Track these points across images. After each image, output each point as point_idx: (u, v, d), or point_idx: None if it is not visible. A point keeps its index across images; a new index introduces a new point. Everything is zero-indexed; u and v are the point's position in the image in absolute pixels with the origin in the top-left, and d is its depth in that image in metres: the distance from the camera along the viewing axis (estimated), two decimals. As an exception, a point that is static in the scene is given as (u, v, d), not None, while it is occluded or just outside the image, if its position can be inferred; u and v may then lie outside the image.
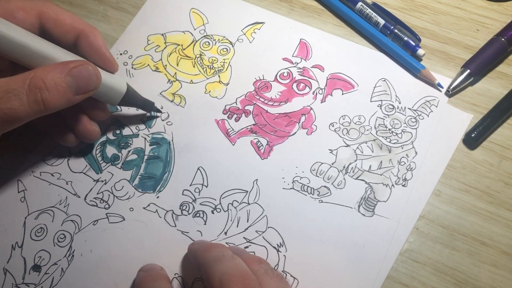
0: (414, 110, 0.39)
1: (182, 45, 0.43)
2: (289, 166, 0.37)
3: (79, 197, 0.37)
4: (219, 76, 0.42)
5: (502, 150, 0.37)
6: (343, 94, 0.40)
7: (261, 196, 0.36)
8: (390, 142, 0.38)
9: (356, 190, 0.36)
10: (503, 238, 0.34)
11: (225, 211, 0.36)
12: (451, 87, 0.39)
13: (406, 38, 0.41)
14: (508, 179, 0.36)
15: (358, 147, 0.38)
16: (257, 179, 0.37)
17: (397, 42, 0.41)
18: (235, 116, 0.40)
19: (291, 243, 0.35)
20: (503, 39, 0.40)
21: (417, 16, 0.44)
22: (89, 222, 0.36)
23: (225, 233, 0.35)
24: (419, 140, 0.38)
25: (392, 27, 0.41)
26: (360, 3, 0.43)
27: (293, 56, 0.42)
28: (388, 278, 0.33)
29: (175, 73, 0.42)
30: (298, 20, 0.44)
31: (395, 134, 0.38)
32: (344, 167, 0.37)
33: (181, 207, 0.36)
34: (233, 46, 0.43)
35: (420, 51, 0.40)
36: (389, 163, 0.37)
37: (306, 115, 0.39)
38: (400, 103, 0.39)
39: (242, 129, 0.39)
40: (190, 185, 0.37)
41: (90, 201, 0.37)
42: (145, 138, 0.39)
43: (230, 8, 0.45)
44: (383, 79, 0.40)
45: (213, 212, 0.36)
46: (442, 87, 0.39)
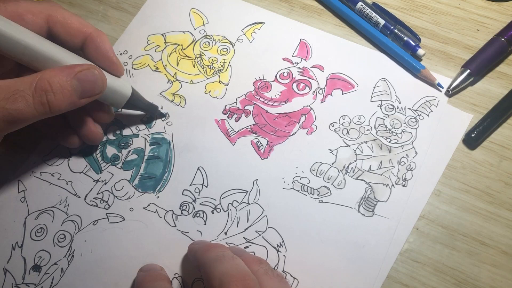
0: (414, 110, 0.39)
1: (182, 45, 0.43)
2: (289, 166, 0.37)
3: (79, 197, 0.37)
4: (219, 76, 0.42)
5: (502, 150, 0.37)
6: (343, 94, 0.40)
7: (261, 196, 0.36)
8: (390, 142, 0.38)
9: (356, 190, 0.36)
10: (503, 238, 0.34)
11: (225, 211, 0.36)
12: (451, 87, 0.39)
13: (406, 38, 0.41)
14: (508, 179, 0.36)
15: (358, 147, 0.38)
16: (257, 179, 0.37)
17: (397, 42, 0.41)
18: (235, 116, 0.40)
19: (291, 243, 0.35)
20: (503, 39, 0.40)
21: (417, 16, 0.44)
22: (89, 222, 0.36)
23: (225, 233, 0.35)
24: (419, 140, 0.38)
25: (392, 27, 0.41)
26: (360, 3, 0.43)
27: (293, 56, 0.42)
28: (388, 278, 0.33)
29: (175, 73, 0.42)
30: (298, 20, 0.44)
31: (395, 134, 0.38)
32: (344, 167, 0.37)
33: (181, 207, 0.36)
34: (233, 46, 0.43)
35: (420, 51, 0.40)
36: (389, 163, 0.37)
37: (306, 115, 0.39)
38: (400, 103, 0.39)
39: (242, 129, 0.39)
40: (190, 185, 0.37)
41: (90, 201, 0.37)
42: (145, 138, 0.39)
43: (230, 8, 0.45)
44: (383, 79, 0.40)
45: (213, 212, 0.36)
46: (442, 87, 0.39)
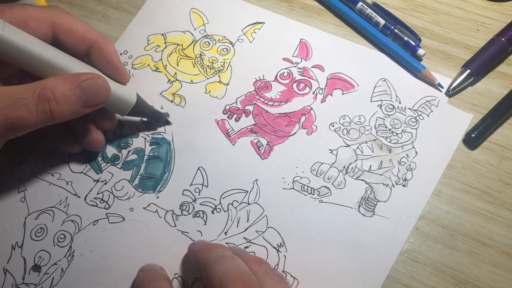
0: (414, 110, 0.39)
1: (182, 45, 0.43)
2: (289, 166, 0.37)
3: (79, 197, 0.37)
4: (219, 76, 0.42)
5: (502, 150, 0.37)
6: (343, 94, 0.40)
7: (261, 196, 0.36)
8: (390, 142, 0.38)
9: (356, 190, 0.36)
10: (503, 238, 0.34)
11: (225, 211, 0.36)
12: (451, 87, 0.39)
13: (406, 38, 0.41)
14: (508, 179, 0.36)
15: (358, 147, 0.38)
16: (257, 179, 0.37)
17: (397, 42, 0.41)
18: (235, 116, 0.40)
19: (291, 243, 0.35)
20: (503, 39, 0.40)
21: (417, 16, 0.43)
22: (89, 222, 0.36)
23: (225, 233, 0.35)
24: (419, 140, 0.38)
25: (392, 27, 0.41)
26: (360, 3, 0.43)
27: (293, 56, 0.42)
28: (388, 278, 0.33)
29: (175, 73, 0.42)
30: (298, 20, 0.44)
31: (395, 134, 0.38)
32: (344, 167, 0.37)
33: (181, 207, 0.36)
34: (233, 46, 0.43)
35: (420, 51, 0.40)
36: (389, 163, 0.37)
37: (306, 115, 0.39)
38: (400, 103, 0.39)
39: (242, 129, 0.39)
40: (190, 185, 0.37)
41: (90, 201, 0.37)
42: (145, 138, 0.39)
43: (230, 8, 0.45)
44: (383, 79, 0.40)
45: (213, 212, 0.36)
46: (442, 87, 0.39)
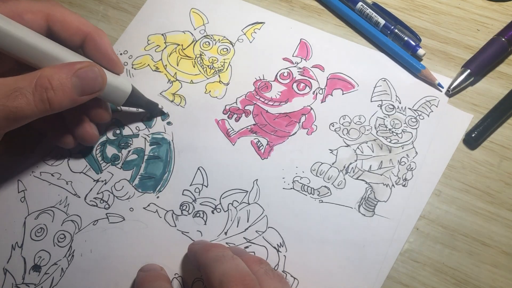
0: (415, 110, 0.39)
1: (182, 45, 0.43)
2: (289, 166, 0.37)
3: (79, 197, 0.37)
4: (219, 76, 0.42)
5: (503, 150, 0.37)
6: (343, 94, 0.40)
7: (261, 196, 0.36)
8: (390, 142, 0.38)
9: (356, 190, 0.36)
10: (503, 238, 0.34)
11: (225, 211, 0.36)
12: (451, 87, 0.39)
13: (406, 38, 0.41)
14: (508, 179, 0.36)
15: (358, 147, 0.38)
16: (257, 179, 0.37)
17: (397, 42, 0.41)
18: (235, 116, 0.40)
19: (291, 243, 0.35)
20: (503, 39, 0.40)
21: (417, 16, 0.43)
22: (89, 222, 0.36)
23: (225, 233, 0.35)
24: (420, 140, 0.38)
25: (392, 27, 0.41)
26: (360, 3, 0.43)
27: (293, 56, 0.42)
28: (388, 278, 0.33)
29: (175, 73, 0.42)
30: (298, 20, 0.44)
31: (395, 134, 0.38)
32: (344, 167, 0.37)
33: (181, 207, 0.36)
34: (233, 46, 0.43)
35: (420, 51, 0.40)
36: (389, 163, 0.37)
37: (306, 115, 0.39)
38: (400, 103, 0.39)
39: (242, 129, 0.39)
40: (190, 185, 0.37)
41: (90, 201, 0.37)
42: (145, 138, 0.39)
43: (230, 8, 0.45)
44: (383, 79, 0.40)
45: (213, 212, 0.36)
46: (443, 87, 0.39)
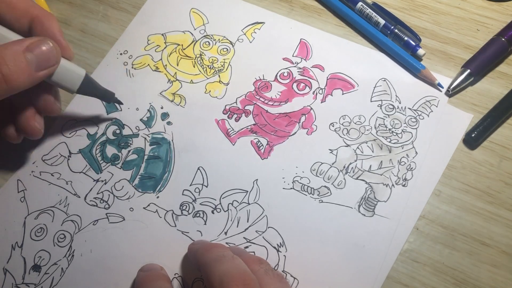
0: (414, 110, 0.39)
1: (182, 45, 0.43)
2: (289, 166, 0.37)
3: (79, 197, 0.37)
4: (219, 76, 0.42)
5: (502, 150, 0.37)
6: (343, 94, 0.40)
7: (261, 196, 0.36)
8: (390, 142, 0.38)
9: (356, 190, 0.36)
10: (503, 238, 0.34)
11: (225, 211, 0.36)
12: (451, 87, 0.39)
13: (406, 38, 0.41)
14: (508, 179, 0.36)
15: (358, 147, 0.38)
16: (257, 179, 0.37)
17: (397, 42, 0.41)
18: (235, 116, 0.40)
19: (291, 243, 0.35)
20: (503, 39, 0.40)
21: (417, 16, 0.43)
22: (89, 222, 0.36)
23: (225, 233, 0.35)
24: (419, 140, 0.38)
25: (392, 27, 0.41)
26: (360, 3, 0.43)
27: (293, 56, 0.42)
28: (388, 278, 0.33)
29: (175, 73, 0.42)
30: (298, 20, 0.44)
31: (395, 134, 0.38)
32: (344, 167, 0.37)
33: (181, 207, 0.36)
34: (233, 46, 0.43)
35: (420, 51, 0.40)
36: (389, 163, 0.37)
37: (306, 115, 0.39)
38: (400, 103, 0.39)
39: (242, 129, 0.39)
40: (190, 185, 0.37)
41: (90, 201, 0.37)
42: (145, 138, 0.39)
43: (230, 8, 0.45)
44: (383, 79, 0.40)
45: (213, 212, 0.36)
46: (442, 87, 0.39)
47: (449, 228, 0.35)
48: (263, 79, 0.41)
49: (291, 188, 0.37)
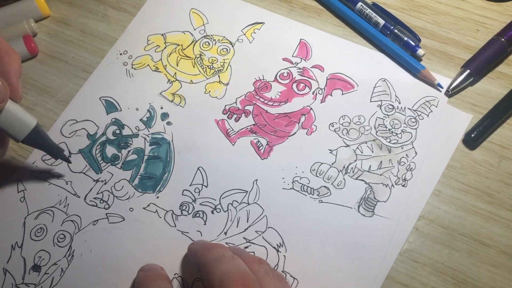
0: (414, 110, 0.39)
1: (182, 45, 0.43)
2: (289, 166, 0.37)
3: (79, 197, 0.37)
4: (219, 76, 0.42)
5: (502, 150, 0.37)
6: (343, 94, 0.40)
7: (261, 196, 0.36)
8: (390, 142, 0.38)
9: (356, 190, 0.36)
10: (503, 238, 0.34)
11: (225, 211, 0.36)
12: (451, 87, 0.39)
13: (406, 38, 0.41)
14: (508, 179, 0.36)
15: (358, 147, 0.38)
16: (257, 179, 0.37)
17: (397, 42, 0.41)
18: (235, 116, 0.40)
19: (291, 243, 0.35)
20: (503, 39, 0.40)
21: (417, 16, 0.44)
22: (89, 222, 0.36)
23: (225, 233, 0.35)
24: (419, 140, 0.38)
25: (392, 27, 0.41)
26: (360, 3, 0.43)
27: (293, 56, 0.42)
28: (388, 278, 0.33)
29: (175, 73, 0.42)
30: (298, 20, 0.44)
31: (395, 134, 0.38)
32: (344, 167, 0.37)
33: (181, 207, 0.36)
34: (233, 46, 0.43)
35: (420, 51, 0.40)
36: (389, 163, 0.37)
37: (306, 115, 0.40)
38: (400, 103, 0.39)
39: (242, 129, 0.39)
40: (190, 185, 0.37)
41: (90, 201, 0.37)
42: (145, 138, 0.39)
43: (230, 8, 0.45)
44: (383, 79, 0.41)
45: (213, 212, 0.36)
46: (442, 87, 0.39)
47: (449, 228, 0.35)
48: (263, 79, 0.41)
49: (291, 188, 0.37)
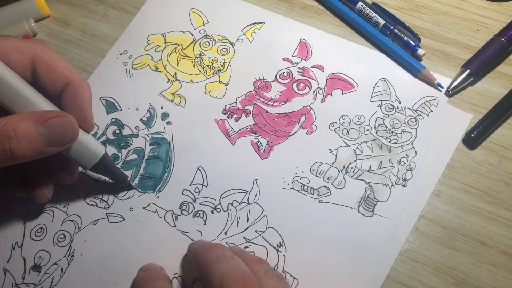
0: (414, 110, 0.39)
1: (182, 45, 0.43)
2: (289, 166, 0.37)
3: (79, 197, 0.37)
4: (219, 76, 0.42)
5: (502, 150, 0.37)
6: (343, 94, 0.40)
7: (261, 196, 0.36)
8: (390, 142, 0.38)
9: (356, 190, 0.36)
10: (503, 238, 0.34)
11: (225, 211, 0.36)
12: (451, 87, 0.39)
13: (406, 38, 0.41)
14: (508, 179, 0.36)
15: (358, 147, 0.38)
16: (257, 179, 0.37)
17: (397, 42, 0.41)
18: (235, 116, 0.40)
19: (291, 243, 0.35)
20: (503, 39, 0.40)
21: (417, 16, 0.44)
22: (89, 222, 0.36)
23: (225, 233, 0.35)
24: (419, 140, 0.38)
25: (392, 27, 0.41)
26: (360, 3, 0.43)
27: (293, 56, 0.42)
28: (388, 278, 0.33)
29: (175, 73, 0.42)
30: (298, 20, 0.44)
31: (395, 134, 0.38)
32: (344, 167, 0.37)
33: (181, 207, 0.36)
34: (233, 46, 0.43)
35: (420, 51, 0.40)
36: (389, 163, 0.37)
37: (306, 115, 0.39)
38: (400, 103, 0.39)
39: (242, 129, 0.39)
40: (190, 185, 0.37)
41: (90, 201, 0.37)
42: (145, 138, 0.39)
43: (230, 8, 0.45)
44: (383, 79, 0.40)
45: (213, 212, 0.36)
46: (442, 87, 0.39)
47: (449, 228, 0.35)
48: (263, 79, 0.41)
49: (291, 188, 0.37)
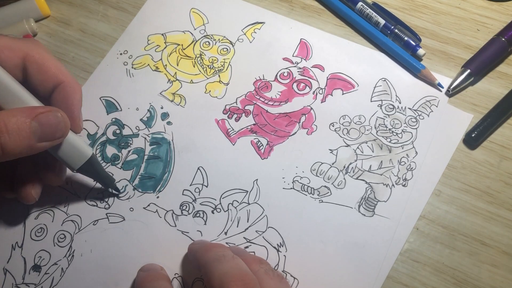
0: (415, 110, 0.39)
1: (182, 45, 0.43)
2: (289, 166, 0.37)
3: (79, 197, 0.37)
4: (219, 76, 0.42)
5: (502, 150, 0.37)
6: (343, 94, 0.40)
7: (261, 196, 0.36)
8: (390, 142, 0.38)
9: (356, 190, 0.36)
10: (503, 238, 0.34)
11: (225, 211, 0.36)
12: (451, 87, 0.39)
13: (406, 38, 0.41)
14: (508, 179, 0.36)
15: (358, 147, 0.38)
16: (257, 179, 0.37)
17: (397, 42, 0.41)
18: (235, 116, 0.40)
19: (291, 243, 0.35)
20: (503, 39, 0.40)
21: (417, 16, 0.44)
22: (89, 222, 0.36)
23: (225, 233, 0.35)
24: (419, 140, 0.38)
25: (392, 27, 0.41)
26: (360, 3, 0.43)
27: (293, 56, 0.42)
28: (388, 278, 0.33)
29: (175, 73, 0.42)
30: (298, 20, 0.44)
31: (395, 134, 0.38)
32: (344, 167, 0.37)
33: (181, 207, 0.36)
34: (233, 46, 0.43)
35: (420, 51, 0.40)
36: (389, 163, 0.37)
37: (306, 115, 0.39)
38: (400, 103, 0.39)
39: (242, 129, 0.39)
40: (190, 185, 0.37)
41: (90, 201, 0.37)
42: (145, 138, 0.39)
43: (230, 8, 0.45)
44: (383, 79, 0.40)
45: (213, 212, 0.36)
46: (443, 87, 0.39)
47: (449, 228, 0.35)
48: (263, 79, 0.41)
49: (291, 188, 0.37)
